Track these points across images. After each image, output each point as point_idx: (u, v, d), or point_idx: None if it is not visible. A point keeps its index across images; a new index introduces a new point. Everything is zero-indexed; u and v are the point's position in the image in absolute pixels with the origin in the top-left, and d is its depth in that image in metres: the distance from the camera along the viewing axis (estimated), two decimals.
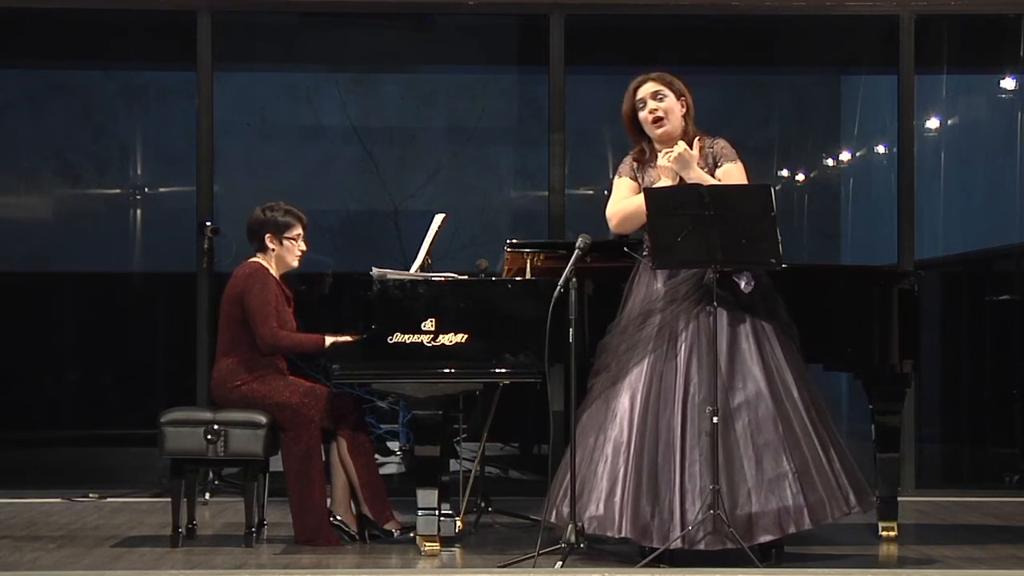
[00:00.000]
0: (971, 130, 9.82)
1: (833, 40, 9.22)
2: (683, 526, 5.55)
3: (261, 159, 9.84)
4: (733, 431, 5.65)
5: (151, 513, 7.31)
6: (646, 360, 5.75)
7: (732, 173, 5.89)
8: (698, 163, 5.84)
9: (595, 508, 5.67)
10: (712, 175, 5.87)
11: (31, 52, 9.17)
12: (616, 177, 6.05)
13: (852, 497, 5.72)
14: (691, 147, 5.85)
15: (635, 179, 5.99)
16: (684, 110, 5.96)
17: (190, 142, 8.46)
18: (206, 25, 8.38)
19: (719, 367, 5.65)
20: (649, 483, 5.62)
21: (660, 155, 5.89)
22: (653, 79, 5.96)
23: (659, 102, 5.92)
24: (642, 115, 5.94)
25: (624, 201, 5.94)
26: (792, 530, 5.64)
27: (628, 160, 6.04)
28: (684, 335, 5.74)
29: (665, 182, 5.85)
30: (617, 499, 5.64)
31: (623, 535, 5.63)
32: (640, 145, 6.02)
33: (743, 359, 5.72)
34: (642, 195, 5.75)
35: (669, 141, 5.91)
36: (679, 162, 5.80)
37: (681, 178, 5.81)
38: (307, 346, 6.35)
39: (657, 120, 5.91)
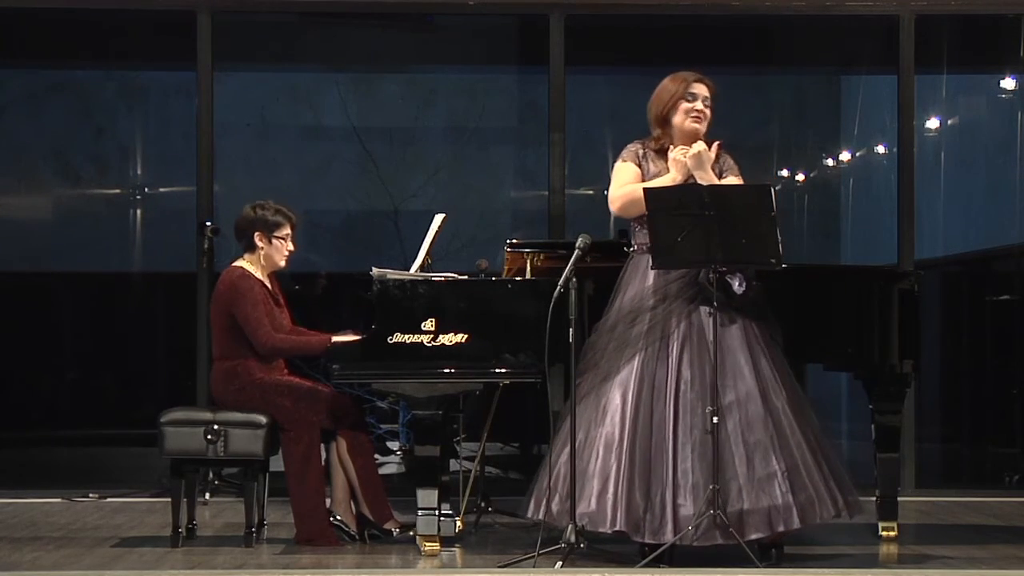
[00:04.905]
0: (971, 130, 9.82)
1: (833, 40, 9.22)
2: (675, 521, 5.58)
3: (261, 159, 9.85)
4: (724, 429, 5.66)
5: (151, 513, 7.30)
6: (637, 358, 5.77)
7: None
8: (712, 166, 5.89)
9: (587, 505, 5.68)
10: None
11: (31, 52, 9.16)
12: (620, 161, 6.03)
13: (840, 500, 5.73)
14: (708, 149, 5.88)
15: (640, 166, 5.99)
16: None
17: (190, 142, 8.46)
18: (206, 25, 8.38)
19: (712, 366, 5.67)
20: (642, 479, 5.65)
21: (675, 148, 5.91)
22: (709, 84, 5.98)
23: (707, 107, 5.96)
24: (687, 106, 5.93)
25: (628, 186, 5.94)
26: (781, 528, 5.66)
27: (636, 147, 6.03)
28: (676, 334, 5.76)
29: (674, 174, 5.88)
30: (610, 495, 5.65)
31: (617, 528, 5.64)
32: (659, 134, 6.01)
33: (734, 359, 5.73)
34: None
35: (689, 141, 5.93)
36: (696, 160, 5.84)
37: (692, 175, 5.85)
38: (313, 347, 6.33)
39: (699, 120, 5.94)
